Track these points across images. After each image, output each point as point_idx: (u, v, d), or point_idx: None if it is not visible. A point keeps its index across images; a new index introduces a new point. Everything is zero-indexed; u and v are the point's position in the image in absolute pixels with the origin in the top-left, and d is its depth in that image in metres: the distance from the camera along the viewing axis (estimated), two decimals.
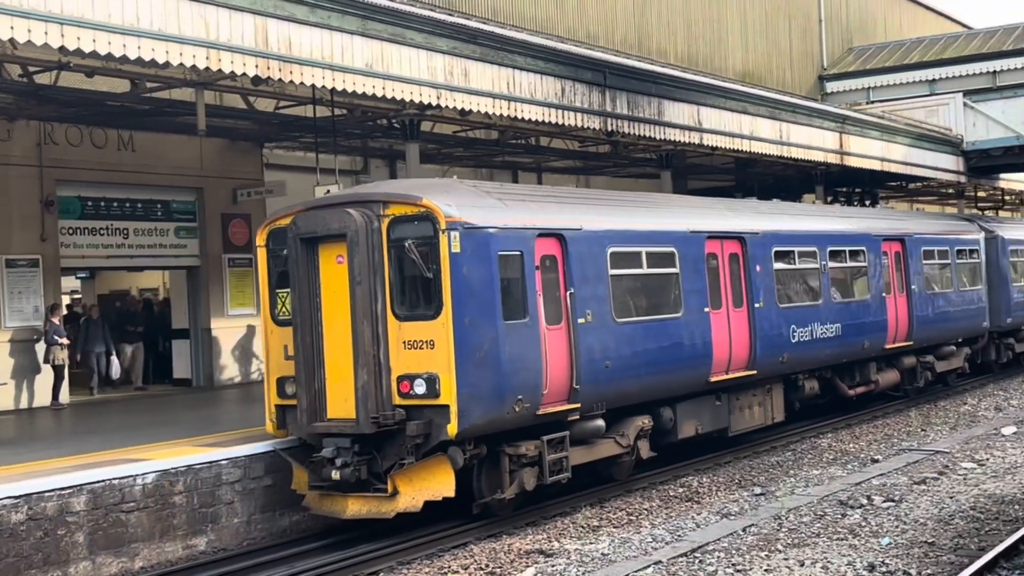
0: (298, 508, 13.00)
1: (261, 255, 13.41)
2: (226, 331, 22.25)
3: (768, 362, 17.26)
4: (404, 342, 12.14)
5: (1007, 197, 44.16)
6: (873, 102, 35.91)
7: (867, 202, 34.67)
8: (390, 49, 15.04)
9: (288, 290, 12.76)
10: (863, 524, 12.18)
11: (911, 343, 21.92)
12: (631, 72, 19.67)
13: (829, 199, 33.11)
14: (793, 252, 18.38)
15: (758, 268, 17.22)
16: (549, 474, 13.08)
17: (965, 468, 15.14)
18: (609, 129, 19.23)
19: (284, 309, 13.08)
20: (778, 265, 17.80)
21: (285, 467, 12.96)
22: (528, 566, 11.30)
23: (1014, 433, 17.91)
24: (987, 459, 15.74)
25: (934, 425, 19.31)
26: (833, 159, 26.69)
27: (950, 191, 40.08)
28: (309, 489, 12.61)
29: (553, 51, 17.90)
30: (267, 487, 13.00)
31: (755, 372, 16.96)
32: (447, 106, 16.22)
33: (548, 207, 14.16)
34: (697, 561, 10.94)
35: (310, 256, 12.52)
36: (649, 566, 10.80)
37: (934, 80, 37.22)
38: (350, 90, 14.63)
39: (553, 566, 11.13)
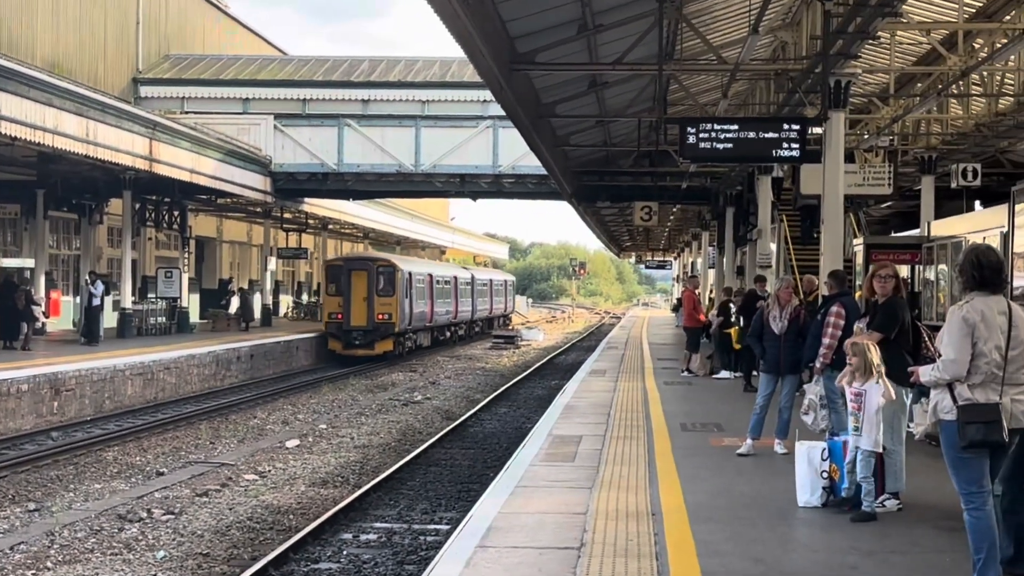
0: (326, 355, 36.71)
1: (323, 273, 39.81)
2: None
3: (436, 320, 44.10)
4: (380, 302, 36.83)
5: (311, 221, 46.54)
6: (188, 112, 35.91)
7: (175, 213, 34.58)
8: None
9: (334, 284, 37.09)
10: (140, 538, 11.87)
11: (458, 320, 50.10)
12: None
13: (137, 206, 32.48)
14: (438, 279, 44.98)
15: (435, 285, 43.52)
16: (409, 346, 40.52)
17: (247, 480, 15.44)
18: None
19: (333, 289, 37.01)
20: (437, 285, 44.08)
21: (324, 341, 36.86)
22: None
23: (297, 446, 18.66)
24: (269, 471, 16.18)
25: (223, 438, 19.51)
26: (142, 165, 26.13)
27: (259, 210, 41.36)
28: (342, 348, 36.39)
29: None
30: (317, 348, 36.58)
31: (432, 324, 43.16)
32: None
33: (409, 263, 42.29)
34: None
35: (348, 274, 36.99)
36: None
37: (248, 99, 38.23)
38: None
39: None
